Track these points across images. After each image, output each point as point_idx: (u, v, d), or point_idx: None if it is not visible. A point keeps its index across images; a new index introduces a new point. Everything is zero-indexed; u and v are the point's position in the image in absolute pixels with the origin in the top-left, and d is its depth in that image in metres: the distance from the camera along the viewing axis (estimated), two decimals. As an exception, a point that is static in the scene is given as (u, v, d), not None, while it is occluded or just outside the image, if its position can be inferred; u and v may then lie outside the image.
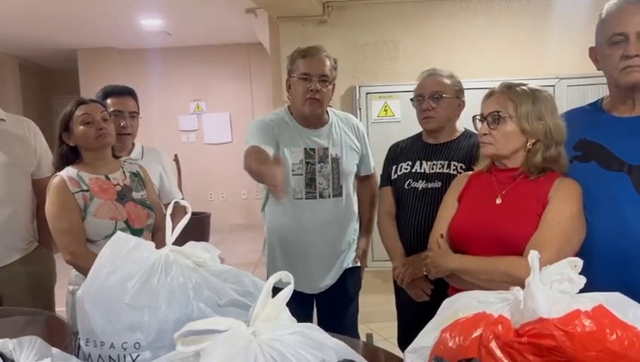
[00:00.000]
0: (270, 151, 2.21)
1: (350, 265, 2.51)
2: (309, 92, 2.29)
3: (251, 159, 2.14)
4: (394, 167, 2.38)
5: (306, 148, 2.36)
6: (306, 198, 2.36)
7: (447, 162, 2.26)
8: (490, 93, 1.69)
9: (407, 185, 2.31)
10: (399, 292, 2.41)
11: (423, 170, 2.29)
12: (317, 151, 2.37)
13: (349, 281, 2.51)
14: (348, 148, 2.43)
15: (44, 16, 6.02)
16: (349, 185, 2.46)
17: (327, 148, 2.38)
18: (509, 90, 1.65)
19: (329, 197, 2.38)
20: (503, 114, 1.62)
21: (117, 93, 2.57)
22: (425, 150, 2.33)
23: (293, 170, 2.34)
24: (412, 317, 2.21)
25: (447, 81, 2.29)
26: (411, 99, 2.35)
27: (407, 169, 2.33)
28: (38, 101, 8.75)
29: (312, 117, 2.37)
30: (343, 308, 2.48)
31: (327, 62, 2.35)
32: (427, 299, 2.20)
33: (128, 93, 2.63)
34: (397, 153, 2.42)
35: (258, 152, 2.16)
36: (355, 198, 2.54)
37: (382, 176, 2.48)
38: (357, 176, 2.56)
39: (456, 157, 2.25)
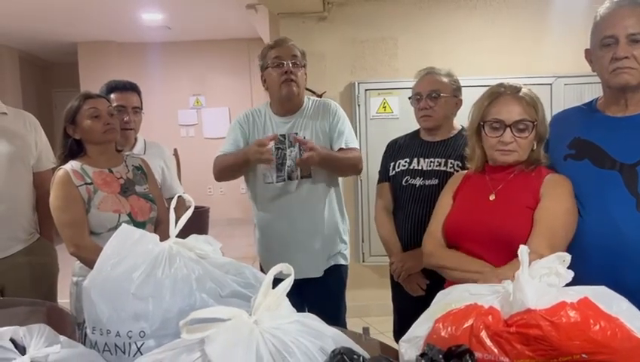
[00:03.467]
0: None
1: (333, 263, 2.54)
2: (284, 74, 2.39)
3: (222, 161, 2.47)
4: (392, 164, 2.41)
5: (277, 135, 2.44)
6: (276, 182, 2.45)
7: (444, 160, 2.29)
8: (496, 96, 1.67)
9: (405, 182, 2.34)
10: (396, 286, 2.44)
11: (420, 167, 2.32)
12: (287, 136, 2.45)
13: (333, 277, 2.54)
14: (318, 131, 2.47)
15: (45, 10, 6.03)
16: (321, 169, 2.45)
17: (297, 133, 2.45)
18: (526, 96, 1.66)
19: (297, 178, 2.44)
20: (535, 123, 1.64)
21: (121, 88, 2.60)
22: (422, 147, 2.36)
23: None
24: (408, 311, 2.26)
25: (445, 80, 2.32)
26: (409, 98, 2.38)
27: (404, 166, 2.36)
28: (38, 94, 8.76)
29: (289, 98, 2.44)
30: (327, 304, 2.49)
31: (296, 49, 2.46)
32: (422, 294, 2.24)
33: (132, 88, 2.65)
34: (395, 150, 2.45)
35: (225, 155, 2.48)
36: (338, 184, 2.56)
37: (380, 171, 2.51)
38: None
39: (454, 155, 2.27)
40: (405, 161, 2.37)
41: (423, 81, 2.34)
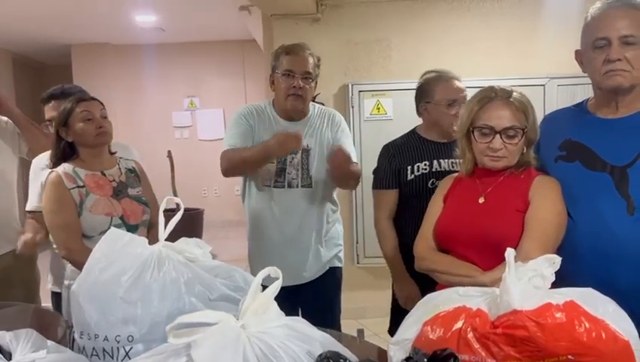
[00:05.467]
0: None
1: (329, 266, 2.52)
2: (292, 88, 2.34)
3: (236, 154, 2.32)
4: (409, 168, 2.32)
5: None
6: (274, 187, 2.40)
7: None
8: (487, 101, 1.66)
9: (431, 185, 2.28)
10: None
11: (443, 169, 2.28)
12: None
13: (329, 279, 2.51)
14: (323, 141, 2.43)
15: (39, 12, 6.01)
16: (322, 177, 2.41)
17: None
18: (516, 101, 1.64)
19: (297, 187, 2.39)
20: (525, 129, 1.63)
21: (57, 96, 2.50)
22: (436, 149, 2.32)
23: None
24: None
25: None
26: (447, 103, 2.27)
27: (425, 169, 2.30)
28: (32, 96, 8.69)
29: (294, 112, 2.41)
30: (323, 306, 2.49)
31: (311, 60, 2.39)
32: None
33: (70, 94, 2.48)
34: (403, 153, 2.34)
35: (237, 149, 2.34)
36: (334, 193, 2.52)
37: (382, 177, 2.37)
38: None
39: None
40: (425, 164, 2.31)
41: (456, 87, 2.29)
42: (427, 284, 1.78)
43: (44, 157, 2.49)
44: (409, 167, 2.33)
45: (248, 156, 2.31)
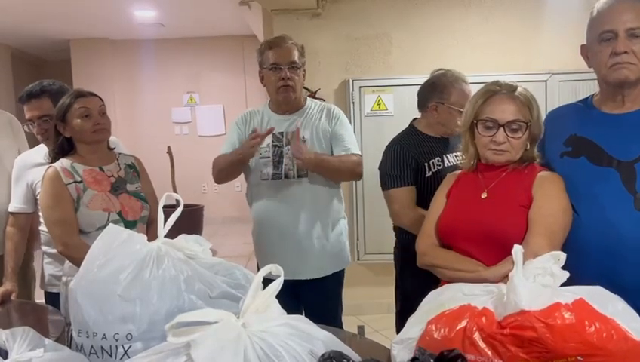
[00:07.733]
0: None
1: (333, 265, 2.51)
2: (281, 80, 2.38)
3: (219, 161, 2.46)
4: (426, 164, 2.29)
5: (274, 133, 2.42)
6: (272, 179, 2.42)
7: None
8: (491, 95, 1.65)
9: None
10: (403, 279, 2.40)
11: (452, 164, 2.29)
12: (285, 134, 2.43)
13: (331, 277, 2.50)
14: (319, 132, 2.44)
15: (38, 6, 5.98)
16: (317, 173, 2.41)
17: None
18: (521, 96, 1.63)
19: (293, 177, 2.41)
20: (529, 123, 1.61)
21: (35, 95, 2.41)
22: (442, 144, 2.33)
23: (261, 154, 2.42)
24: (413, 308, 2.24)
25: None
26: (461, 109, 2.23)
27: (439, 165, 2.30)
28: (31, 92, 8.70)
29: (286, 103, 2.45)
30: (325, 303, 2.49)
31: (295, 50, 2.42)
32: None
33: (49, 91, 2.43)
34: (419, 149, 2.32)
35: (220, 156, 2.47)
36: (336, 186, 2.52)
37: (397, 174, 2.31)
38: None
39: None
40: (438, 160, 2.31)
41: (470, 92, 2.26)
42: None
43: (29, 156, 2.49)
44: (426, 164, 2.30)
45: (226, 162, 2.42)
